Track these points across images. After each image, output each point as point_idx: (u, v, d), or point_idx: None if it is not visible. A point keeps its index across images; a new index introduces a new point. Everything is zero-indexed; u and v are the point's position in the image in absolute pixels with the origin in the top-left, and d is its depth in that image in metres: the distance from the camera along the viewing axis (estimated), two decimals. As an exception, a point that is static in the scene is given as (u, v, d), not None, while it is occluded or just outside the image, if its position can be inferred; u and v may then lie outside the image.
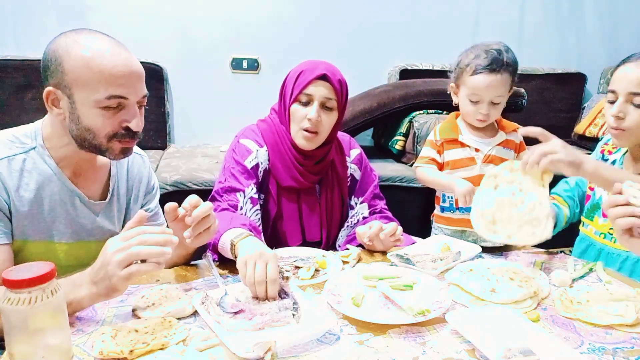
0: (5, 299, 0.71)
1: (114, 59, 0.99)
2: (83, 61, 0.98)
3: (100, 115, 1.00)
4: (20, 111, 2.71)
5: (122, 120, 1.02)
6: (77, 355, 0.81)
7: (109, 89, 0.99)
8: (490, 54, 1.39)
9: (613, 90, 1.22)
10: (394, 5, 3.09)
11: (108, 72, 0.98)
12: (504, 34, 3.26)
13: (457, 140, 1.48)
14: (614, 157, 1.35)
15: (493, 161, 1.45)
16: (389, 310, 0.98)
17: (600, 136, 3.04)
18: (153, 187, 1.31)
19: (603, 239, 1.31)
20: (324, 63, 1.36)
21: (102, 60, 0.98)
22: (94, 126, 1.01)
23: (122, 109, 1.02)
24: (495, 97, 1.41)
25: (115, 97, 1.00)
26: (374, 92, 2.76)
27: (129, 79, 1.01)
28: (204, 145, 3.03)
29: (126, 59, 1.01)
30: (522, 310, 0.98)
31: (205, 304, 0.93)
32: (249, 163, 1.36)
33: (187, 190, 2.29)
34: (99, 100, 0.99)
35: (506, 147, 1.47)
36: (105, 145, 1.04)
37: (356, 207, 1.49)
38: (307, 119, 1.32)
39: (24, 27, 2.78)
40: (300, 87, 1.32)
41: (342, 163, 1.47)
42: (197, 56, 2.96)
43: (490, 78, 1.38)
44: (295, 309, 0.93)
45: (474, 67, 1.40)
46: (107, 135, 1.03)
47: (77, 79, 0.98)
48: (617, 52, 3.42)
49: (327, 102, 1.33)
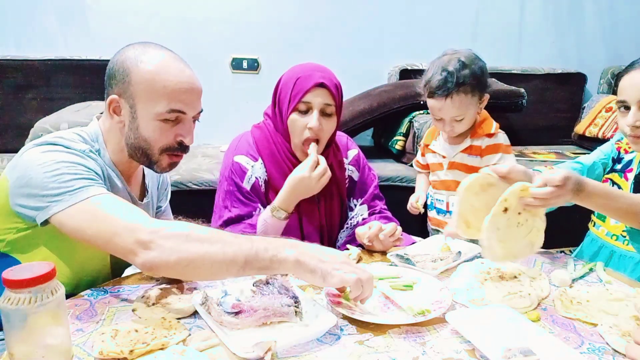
0: (5, 299, 0.71)
1: (179, 75, 1.05)
2: (150, 75, 1.03)
3: (159, 128, 1.05)
4: (20, 111, 2.71)
5: (177, 135, 1.08)
6: (77, 355, 0.81)
7: (171, 103, 1.04)
8: (442, 76, 1.38)
9: (623, 100, 1.19)
10: (394, 5, 3.09)
11: (172, 88, 1.03)
12: (504, 34, 3.27)
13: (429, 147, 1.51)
14: (630, 156, 1.32)
15: (458, 168, 1.47)
16: (389, 310, 0.98)
17: (600, 136, 3.04)
18: (168, 185, 1.38)
19: (615, 240, 1.28)
20: (318, 68, 1.34)
21: (168, 76, 1.03)
22: (151, 137, 1.06)
23: (179, 123, 1.07)
24: (454, 117, 1.41)
25: (175, 111, 1.05)
26: (374, 92, 2.76)
27: (190, 95, 1.06)
28: (204, 145, 3.02)
29: (189, 76, 1.07)
30: (522, 310, 0.98)
31: (206, 304, 0.93)
32: (247, 184, 1.35)
33: (188, 190, 2.29)
34: (160, 113, 1.04)
35: (470, 154, 1.47)
36: (156, 157, 1.09)
37: (355, 208, 1.48)
38: (308, 129, 1.30)
39: (24, 27, 2.78)
40: (298, 96, 1.29)
41: (339, 165, 1.46)
42: (197, 56, 2.93)
43: (441, 102, 1.39)
44: (297, 305, 0.93)
45: (428, 88, 1.41)
46: (161, 148, 1.08)
47: (142, 91, 1.03)
48: (617, 52, 3.43)
49: (326, 108, 1.31)
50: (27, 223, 0.99)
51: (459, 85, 1.38)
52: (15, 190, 0.96)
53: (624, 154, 1.34)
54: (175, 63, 1.06)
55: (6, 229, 1.01)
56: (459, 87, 1.38)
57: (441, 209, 1.52)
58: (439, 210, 1.53)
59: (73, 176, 0.94)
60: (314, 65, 1.35)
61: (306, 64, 1.36)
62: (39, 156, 0.96)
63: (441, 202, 1.57)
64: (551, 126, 3.30)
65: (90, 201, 0.92)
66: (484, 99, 1.46)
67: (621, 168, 1.31)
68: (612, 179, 1.32)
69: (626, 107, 1.19)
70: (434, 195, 1.60)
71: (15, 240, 1.01)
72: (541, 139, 3.22)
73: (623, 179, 1.28)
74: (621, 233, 1.26)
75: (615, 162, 1.34)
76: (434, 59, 1.47)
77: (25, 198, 0.95)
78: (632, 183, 1.25)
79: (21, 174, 0.95)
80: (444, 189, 1.58)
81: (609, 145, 1.39)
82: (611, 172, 1.33)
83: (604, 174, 1.36)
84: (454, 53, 1.44)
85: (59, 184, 0.92)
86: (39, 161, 0.95)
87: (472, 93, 1.41)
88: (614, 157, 1.35)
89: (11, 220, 1.00)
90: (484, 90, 1.44)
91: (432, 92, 1.40)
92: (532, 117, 3.13)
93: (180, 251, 0.87)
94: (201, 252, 0.87)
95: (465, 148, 1.47)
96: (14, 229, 1.00)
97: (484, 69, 1.45)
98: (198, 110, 1.10)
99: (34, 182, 0.93)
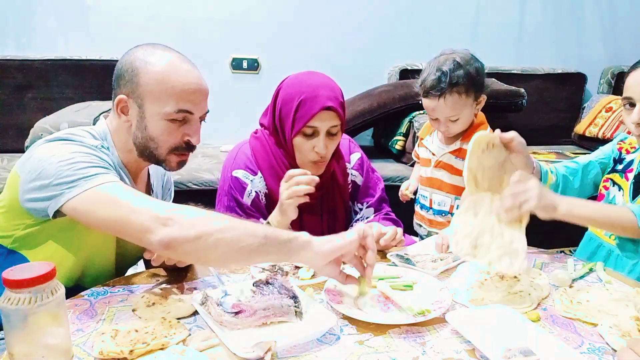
0: (5, 299, 0.71)
1: (187, 75, 1.07)
2: (158, 76, 1.04)
3: (166, 128, 1.06)
4: (20, 111, 2.71)
5: (185, 134, 1.09)
6: (77, 355, 0.81)
7: (179, 103, 1.05)
8: (436, 75, 1.38)
9: (629, 97, 1.19)
10: (394, 5, 3.09)
11: (180, 88, 1.05)
12: (503, 34, 3.27)
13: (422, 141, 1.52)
14: (631, 156, 1.32)
15: (444, 167, 1.47)
16: (389, 310, 0.98)
17: (600, 136, 3.04)
18: (171, 185, 1.39)
19: (613, 240, 1.27)
20: (322, 84, 1.28)
21: (177, 76, 1.05)
22: (159, 136, 1.07)
23: (186, 123, 1.08)
24: (448, 117, 1.41)
25: (183, 111, 1.06)
26: (374, 92, 2.76)
27: (197, 95, 1.08)
28: (204, 145, 3.01)
29: (197, 77, 1.09)
30: (522, 310, 0.98)
31: (206, 305, 0.93)
32: (247, 199, 1.34)
33: (187, 190, 2.29)
34: (168, 113, 1.05)
35: (458, 156, 1.47)
36: (164, 157, 1.10)
37: (361, 212, 1.46)
38: (314, 152, 1.28)
39: (24, 27, 2.79)
40: (303, 119, 1.25)
41: (342, 171, 1.43)
42: (197, 56, 2.90)
43: (434, 102, 1.39)
44: (297, 305, 0.93)
45: (423, 88, 1.41)
46: (169, 148, 1.09)
47: (150, 92, 1.04)
48: (617, 52, 3.43)
49: (332, 129, 1.28)
50: (35, 219, 0.99)
51: (452, 85, 1.38)
52: (26, 186, 0.96)
53: (625, 154, 1.34)
54: (184, 64, 1.08)
55: (15, 224, 1.02)
56: (452, 88, 1.38)
57: (424, 204, 1.52)
58: (422, 206, 1.53)
59: (88, 164, 0.95)
60: (318, 80, 1.30)
61: (309, 77, 1.31)
62: (52, 149, 0.96)
63: (425, 199, 1.58)
64: (551, 126, 3.30)
65: (105, 186, 0.92)
66: (480, 100, 1.46)
67: (622, 168, 1.31)
68: (612, 179, 1.32)
69: (631, 104, 1.19)
70: (420, 191, 1.62)
71: (23, 236, 1.02)
72: (541, 139, 3.21)
73: (624, 179, 1.28)
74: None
75: (616, 162, 1.34)
76: (431, 59, 1.47)
77: (37, 191, 0.95)
78: (632, 183, 1.25)
79: (33, 167, 0.96)
80: (428, 185, 1.58)
81: (610, 145, 1.39)
82: (612, 172, 1.33)
83: (603, 175, 1.36)
84: (451, 53, 1.44)
85: (74, 171, 0.93)
86: (53, 152, 0.95)
87: (467, 94, 1.40)
88: (615, 158, 1.35)
89: (20, 217, 1.00)
90: (480, 91, 1.44)
91: (427, 92, 1.40)
92: (532, 117, 3.12)
93: (200, 225, 0.86)
94: (221, 226, 0.87)
95: (454, 150, 1.47)
96: (22, 224, 1.01)
97: (480, 70, 1.44)
98: (205, 110, 1.12)
99: (47, 172, 0.93)
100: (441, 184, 1.53)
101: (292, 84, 1.31)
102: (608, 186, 1.33)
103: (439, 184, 1.53)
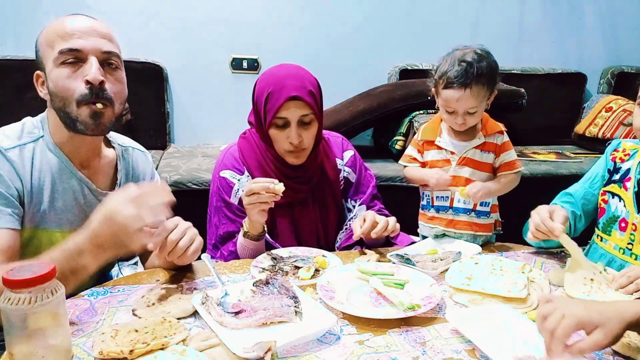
0: (5, 299, 0.71)
1: (73, 19, 1.05)
2: (47, 29, 1.05)
3: (63, 75, 1.02)
4: (20, 111, 2.67)
5: (84, 77, 1.03)
6: (77, 355, 0.81)
7: (62, 43, 1.02)
8: (462, 66, 1.37)
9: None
10: (394, 5, 3.09)
11: (63, 30, 1.03)
12: (504, 34, 3.27)
13: (434, 143, 1.50)
14: (627, 164, 1.28)
15: (467, 164, 1.45)
16: (380, 306, 0.99)
17: (600, 136, 3.04)
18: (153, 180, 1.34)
19: (622, 254, 1.24)
20: (289, 74, 1.29)
21: (62, 21, 1.04)
22: (60, 89, 1.03)
23: (83, 66, 1.03)
24: (469, 109, 1.41)
25: (69, 50, 1.02)
26: (374, 92, 2.76)
27: (84, 33, 1.04)
28: (204, 145, 3.03)
29: (87, 19, 1.06)
30: (522, 310, 0.98)
31: (206, 305, 0.93)
32: (234, 198, 1.35)
33: (187, 190, 2.29)
34: (56, 58, 1.02)
35: (484, 150, 1.46)
36: (75, 112, 1.04)
37: (354, 209, 1.47)
38: (288, 142, 1.29)
39: (24, 27, 2.78)
40: (272, 112, 1.26)
41: (332, 167, 1.44)
42: (197, 56, 2.96)
43: (460, 92, 1.38)
44: (297, 305, 0.93)
45: (445, 79, 1.40)
46: (76, 100, 1.03)
47: (42, 47, 1.04)
48: (617, 52, 3.43)
49: (303, 118, 1.28)
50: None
51: (478, 76, 1.38)
52: None
53: (620, 163, 1.31)
54: (77, 15, 1.07)
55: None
56: (478, 78, 1.38)
57: (442, 206, 1.50)
58: (439, 209, 1.50)
59: None
60: (286, 70, 1.31)
61: (278, 70, 1.32)
62: None
63: (443, 199, 1.54)
64: (551, 126, 3.30)
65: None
66: (493, 94, 1.46)
67: (619, 178, 1.27)
68: (610, 191, 1.29)
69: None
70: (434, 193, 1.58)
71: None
72: (541, 139, 3.21)
73: (622, 189, 1.25)
74: (627, 246, 1.23)
75: (612, 173, 1.31)
76: (444, 55, 1.46)
77: None
78: (634, 192, 1.23)
79: None
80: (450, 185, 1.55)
81: (602, 160, 1.37)
82: (609, 183, 1.30)
83: (601, 189, 1.33)
84: (465, 47, 1.44)
85: None
86: None
87: (488, 85, 1.41)
88: (609, 169, 1.32)
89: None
90: (494, 85, 1.45)
91: (451, 83, 1.38)
92: (532, 117, 3.12)
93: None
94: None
95: (479, 145, 1.47)
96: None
97: (496, 63, 1.46)
98: (102, 49, 1.05)
99: None
100: (464, 181, 1.50)
101: (263, 77, 1.34)
102: (607, 199, 1.30)
103: (462, 182, 1.50)
